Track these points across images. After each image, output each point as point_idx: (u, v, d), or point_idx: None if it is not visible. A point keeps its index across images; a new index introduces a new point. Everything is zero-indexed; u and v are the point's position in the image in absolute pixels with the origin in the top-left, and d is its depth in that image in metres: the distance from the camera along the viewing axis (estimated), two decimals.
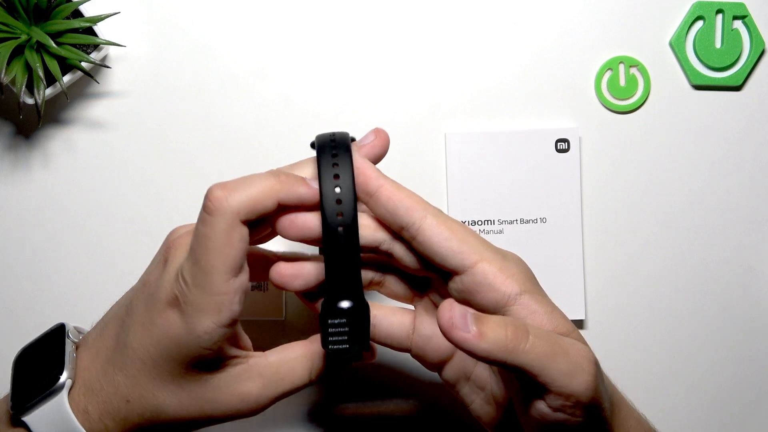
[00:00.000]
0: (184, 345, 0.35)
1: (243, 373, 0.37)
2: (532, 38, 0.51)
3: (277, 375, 0.37)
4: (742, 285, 0.51)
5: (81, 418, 0.37)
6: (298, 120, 0.51)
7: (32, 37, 0.45)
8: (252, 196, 0.34)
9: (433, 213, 0.36)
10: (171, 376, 0.36)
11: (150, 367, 0.36)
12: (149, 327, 0.36)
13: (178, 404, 0.36)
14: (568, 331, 0.35)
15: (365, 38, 0.51)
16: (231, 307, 0.35)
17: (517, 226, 0.50)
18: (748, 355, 0.51)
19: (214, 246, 0.34)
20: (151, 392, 0.36)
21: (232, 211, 0.34)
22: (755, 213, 0.51)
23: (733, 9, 0.50)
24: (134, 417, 0.37)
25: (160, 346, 0.36)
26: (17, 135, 0.51)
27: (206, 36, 0.50)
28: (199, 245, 0.34)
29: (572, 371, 0.32)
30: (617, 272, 0.51)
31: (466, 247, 0.35)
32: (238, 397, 0.36)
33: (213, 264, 0.34)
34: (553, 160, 0.50)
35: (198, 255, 0.34)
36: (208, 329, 0.34)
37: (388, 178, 0.36)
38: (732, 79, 0.51)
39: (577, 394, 0.32)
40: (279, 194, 0.35)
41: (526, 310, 0.35)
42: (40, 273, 0.50)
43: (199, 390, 0.36)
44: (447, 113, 0.51)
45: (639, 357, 0.51)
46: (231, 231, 0.34)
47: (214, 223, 0.34)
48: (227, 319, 0.35)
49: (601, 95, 0.51)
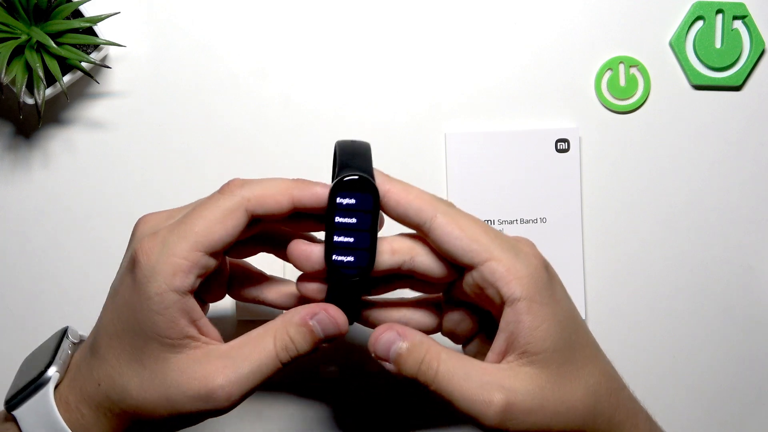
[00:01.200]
0: (138, 309, 0.35)
1: (204, 355, 0.36)
2: (532, 38, 0.51)
3: (240, 354, 0.36)
4: (742, 285, 0.51)
5: (61, 409, 0.36)
6: (298, 120, 0.51)
7: (32, 37, 0.45)
8: (264, 189, 0.36)
9: (443, 211, 0.36)
10: (134, 352, 0.36)
11: (116, 343, 0.36)
12: (113, 298, 0.37)
13: (141, 385, 0.36)
14: (538, 351, 0.35)
15: (365, 38, 0.51)
16: (186, 275, 0.35)
17: (517, 226, 0.50)
18: (748, 355, 0.51)
19: (206, 215, 0.35)
20: (117, 371, 0.36)
21: (241, 196, 0.35)
22: (755, 213, 0.51)
23: (733, 9, 0.50)
24: (104, 401, 0.36)
25: (121, 317, 0.36)
26: (17, 135, 0.51)
27: (206, 36, 0.50)
28: (192, 211, 0.36)
29: (476, 403, 0.35)
30: (617, 272, 0.51)
31: (475, 245, 0.35)
32: (200, 381, 0.35)
33: (194, 229, 0.35)
34: (553, 160, 0.50)
35: (186, 218, 0.35)
36: (160, 290, 0.34)
37: (395, 181, 0.37)
38: (732, 79, 0.51)
39: (479, 420, 0.35)
40: (293, 191, 0.36)
41: (514, 317, 0.35)
42: (41, 273, 0.51)
43: (161, 370, 0.35)
44: (447, 113, 0.51)
45: (639, 357, 0.51)
46: (230, 212, 0.35)
47: (220, 200, 0.36)
48: (180, 284, 0.35)
49: (601, 95, 0.51)
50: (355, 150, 0.37)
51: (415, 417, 0.51)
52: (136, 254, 0.35)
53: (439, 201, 0.37)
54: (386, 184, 0.36)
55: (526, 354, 0.35)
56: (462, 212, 0.37)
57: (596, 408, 0.36)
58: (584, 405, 0.36)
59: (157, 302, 0.35)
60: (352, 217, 0.35)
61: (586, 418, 0.36)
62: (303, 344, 0.36)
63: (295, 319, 0.36)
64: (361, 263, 0.35)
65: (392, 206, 0.36)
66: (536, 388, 0.35)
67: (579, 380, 0.36)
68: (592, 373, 0.37)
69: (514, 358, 0.36)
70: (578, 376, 0.36)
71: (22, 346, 0.50)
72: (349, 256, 0.35)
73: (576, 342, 0.36)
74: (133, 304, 0.35)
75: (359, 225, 0.35)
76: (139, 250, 0.35)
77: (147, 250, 0.35)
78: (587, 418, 0.36)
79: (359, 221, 0.35)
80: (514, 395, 0.35)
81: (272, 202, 0.36)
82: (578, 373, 0.36)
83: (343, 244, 0.35)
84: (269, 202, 0.36)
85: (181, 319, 0.35)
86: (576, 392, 0.36)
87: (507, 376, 0.35)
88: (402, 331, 0.36)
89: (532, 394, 0.35)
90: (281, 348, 0.36)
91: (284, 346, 0.36)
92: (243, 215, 0.36)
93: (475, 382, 0.35)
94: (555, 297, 0.36)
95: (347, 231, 0.35)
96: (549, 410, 0.35)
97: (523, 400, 0.35)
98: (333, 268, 0.35)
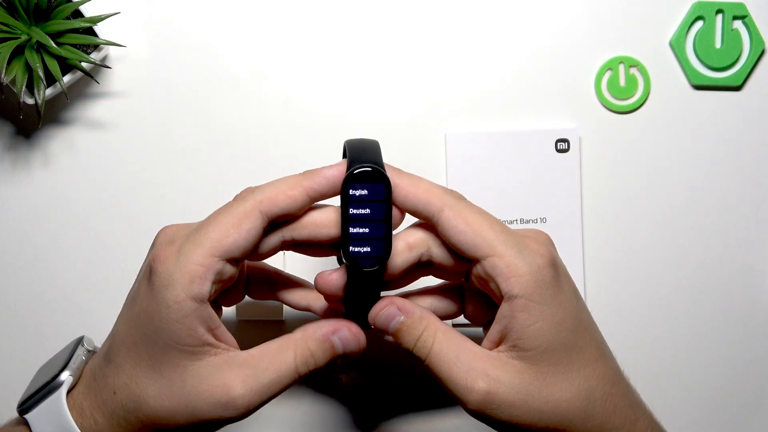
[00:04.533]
0: (156, 317, 0.35)
1: (224, 363, 0.36)
2: (532, 38, 0.51)
3: (260, 365, 0.36)
4: (742, 285, 0.51)
5: (75, 415, 0.37)
6: (298, 120, 0.51)
7: (32, 37, 0.45)
8: (275, 188, 0.36)
9: (450, 204, 0.37)
10: (151, 361, 0.36)
11: (133, 352, 0.36)
12: (130, 307, 0.37)
13: (159, 393, 0.36)
14: (529, 347, 0.36)
15: (365, 38, 0.51)
16: (203, 282, 0.35)
17: (517, 226, 0.50)
18: (747, 355, 0.51)
19: (221, 221, 0.35)
20: (133, 380, 0.36)
21: (254, 199, 0.36)
22: (755, 213, 0.51)
23: (733, 9, 0.50)
24: (119, 409, 0.36)
25: (138, 325, 0.36)
26: (17, 135, 0.51)
27: (206, 36, 0.50)
28: (207, 219, 0.36)
29: (459, 387, 0.36)
30: (617, 272, 0.51)
31: (479, 239, 0.36)
32: (221, 388, 0.35)
33: (210, 235, 0.35)
34: (553, 160, 0.50)
35: (201, 225, 0.36)
36: (178, 298, 0.35)
37: (404, 174, 0.38)
38: (732, 79, 0.51)
39: (462, 403, 0.36)
40: (303, 182, 0.36)
41: (509, 313, 0.36)
42: (41, 273, 0.51)
43: (179, 378, 0.36)
44: (447, 113, 0.51)
45: (639, 357, 0.51)
46: (244, 216, 0.35)
47: (233, 206, 0.36)
48: (197, 292, 0.35)
49: (601, 95, 0.51)
50: (364, 145, 0.38)
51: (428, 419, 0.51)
52: (153, 263, 0.36)
53: (448, 194, 0.37)
54: (395, 178, 0.37)
55: (517, 348, 0.36)
56: (470, 205, 0.37)
57: (588, 411, 0.36)
58: (573, 407, 0.36)
59: (176, 310, 0.35)
60: (365, 208, 0.36)
61: (574, 420, 0.36)
62: (322, 359, 0.37)
63: (317, 335, 0.37)
64: (378, 253, 0.36)
65: (401, 201, 0.37)
66: (522, 382, 0.35)
67: (571, 382, 0.36)
68: (588, 377, 0.37)
69: (505, 348, 0.36)
70: (571, 377, 0.36)
71: (23, 346, 0.50)
72: (365, 247, 0.36)
73: (574, 344, 0.36)
74: (151, 313, 0.35)
75: (373, 215, 0.36)
76: (155, 259, 0.36)
77: (164, 258, 0.35)
78: (576, 421, 0.36)
79: (373, 211, 0.36)
80: (497, 385, 0.35)
81: (285, 198, 0.36)
82: (571, 375, 0.36)
83: (359, 235, 0.36)
84: (282, 199, 0.36)
85: (199, 327, 0.35)
86: (565, 393, 0.36)
87: (494, 366, 0.36)
88: (402, 305, 0.37)
89: (517, 387, 0.35)
90: (301, 362, 0.37)
91: (304, 361, 0.37)
92: (258, 218, 0.36)
93: (463, 366, 0.36)
94: (558, 297, 0.36)
95: (362, 222, 0.36)
96: (533, 407, 0.35)
97: (505, 391, 0.35)
98: (351, 259, 0.36)
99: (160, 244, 0.36)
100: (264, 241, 0.37)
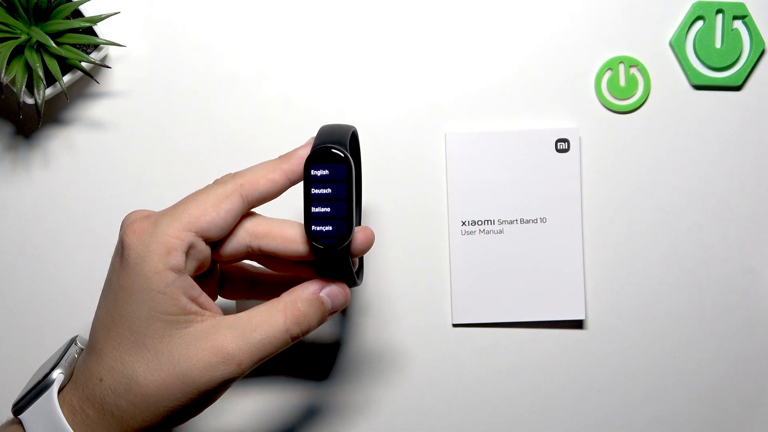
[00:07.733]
0: (136, 291, 0.35)
1: (211, 327, 0.36)
2: (532, 38, 0.51)
3: (249, 325, 0.36)
4: (742, 285, 0.51)
5: (66, 412, 0.36)
6: (298, 120, 0.51)
7: (32, 37, 0.45)
8: (255, 172, 0.37)
9: None
10: (133, 337, 0.35)
11: (113, 333, 0.36)
12: (105, 292, 0.37)
13: (147, 368, 0.35)
14: None
15: (365, 38, 0.51)
16: (180, 254, 0.35)
17: (517, 226, 0.50)
18: (747, 355, 0.51)
19: (200, 199, 0.36)
20: (118, 361, 0.36)
21: (235, 182, 0.37)
22: (755, 213, 0.51)
23: (733, 9, 0.50)
24: (109, 397, 0.36)
25: (117, 304, 0.36)
26: (17, 135, 0.51)
27: (206, 36, 0.50)
28: (186, 197, 0.37)
29: None
30: (617, 272, 0.51)
31: None
32: (211, 351, 0.35)
33: (188, 210, 0.36)
34: (553, 160, 0.50)
35: (179, 203, 0.36)
36: (157, 269, 0.35)
37: None
38: (732, 79, 0.51)
39: None
40: (282, 165, 0.37)
41: None
42: (41, 273, 0.51)
43: (166, 349, 0.35)
44: (447, 113, 0.51)
45: (639, 357, 0.51)
46: (225, 197, 0.36)
47: (213, 187, 0.37)
48: (175, 264, 0.35)
49: (601, 95, 0.51)
50: (332, 129, 0.38)
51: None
52: (126, 237, 0.36)
53: None
54: None
55: None
56: None
57: None
58: None
59: (156, 281, 0.35)
60: (327, 187, 0.36)
61: None
62: (314, 318, 0.37)
63: (306, 294, 0.37)
64: (340, 232, 0.36)
65: None
66: None
67: None
68: None
69: None
70: None
71: (22, 346, 0.50)
72: (327, 226, 0.36)
73: None
74: (129, 288, 0.35)
75: (335, 194, 0.36)
76: (129, 233, 0.36)
77: (139, 231, 0.35)
78: None
79: (334, 191, 0.36)
80: None
81: (266, 182, 0.37)
82: None
83: (320, 214, 0.36)
84: (263, 183, 0.37)
85: (182, 297, 0.35)
86: None
87: None
88: None
89: None
90: (293, 322, 0.37)
91: (296, 321, 0.37)
92: (238, 200, 0.36)
93: None
94: None
95: (324, 201, 0.36)
96: None
97: None
98: (313, 238, 0.36)
99: (134, 221, 0.36)
100: (229, 241, 0.37)
